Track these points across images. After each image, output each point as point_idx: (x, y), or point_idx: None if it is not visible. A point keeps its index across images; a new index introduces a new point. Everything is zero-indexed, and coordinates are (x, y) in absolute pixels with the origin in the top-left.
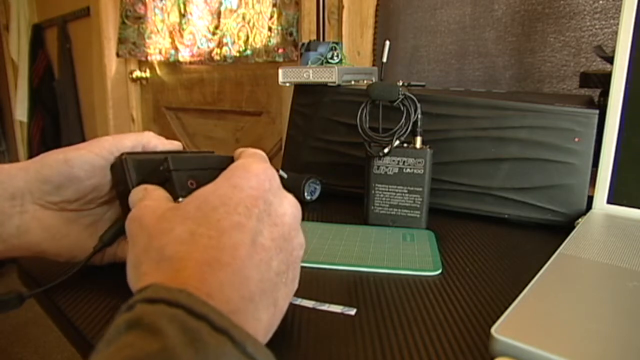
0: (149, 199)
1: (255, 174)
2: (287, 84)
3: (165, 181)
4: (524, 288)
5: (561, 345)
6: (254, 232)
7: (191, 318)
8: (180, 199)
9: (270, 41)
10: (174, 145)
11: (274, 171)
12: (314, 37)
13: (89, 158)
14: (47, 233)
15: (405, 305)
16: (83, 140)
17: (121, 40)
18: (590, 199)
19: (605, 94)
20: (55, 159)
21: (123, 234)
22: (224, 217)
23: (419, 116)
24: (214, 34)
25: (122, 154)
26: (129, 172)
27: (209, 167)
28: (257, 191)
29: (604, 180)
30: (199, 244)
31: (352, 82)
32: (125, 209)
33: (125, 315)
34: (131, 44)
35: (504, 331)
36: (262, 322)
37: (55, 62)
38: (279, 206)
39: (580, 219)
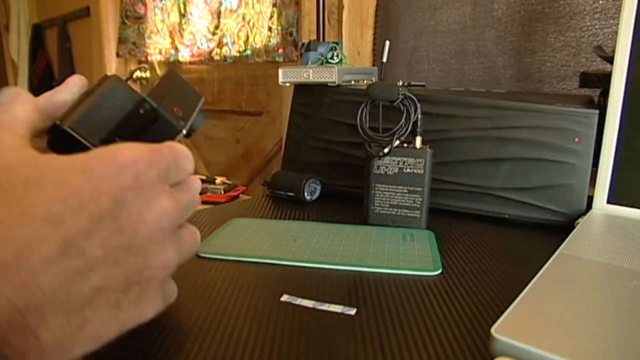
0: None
1: (120, 163)
2: (287, 84)
3: (151, 122)
4: (524, 288)
5: (561, 345)
6: (77, 233)
7: None
8: (184, 131)
9: (270, 41)
10: (76, 85)
11: (159, 165)
12: (314, 37)
13: None
14: None
15: (405, 305)
16: None
17: (121, 40)
18: (590, 199)
19: (605, 94)
20: None
21: None
22: (40, 203)
23: (419, 116)
24: (214, 34)
25: (55, 124)
26: (83, 137)
27: (177, 86)
28: (110, 184)
29: (604, 180)
30: None
31: (352, 82)
32: None
33: None
34: (131, 44)
35: (504, 331)
36: (45, 341)
37: (55, 62)
38: (141, 211)
39: (580, 219)
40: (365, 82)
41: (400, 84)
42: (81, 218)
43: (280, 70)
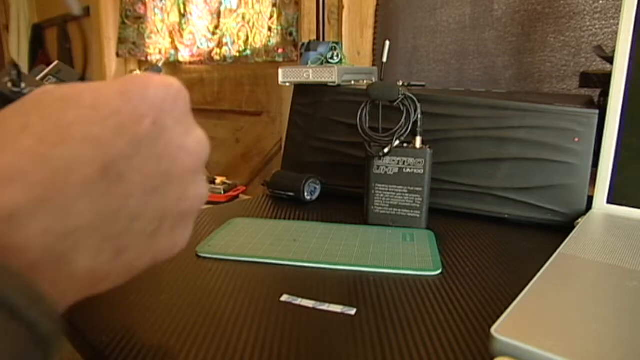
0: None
1: (156, 86)
2: (287, 84)
3: None
4: (524, 288)
5: (561, 345)
6: (116, 155)
7: None
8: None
9: (270, 41)
10: None
11: (187, 94)
12: (314, 37)
13: None
14: None
15: (405, 305)
16: None
17: (121, 40)
18: (590, 199)
19: (605, 94)
20: None
21: None
22: (79, 122)
23: (419, 116)
24: (214, 34)
25: None
26: None
27: None
28: (148, 107)
29: (604, 180)
30: (24, 150)
31: (352, 82)
32: None
33: None
34: (131, 44)
35: (504, 331)
36: (77, 270)
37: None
38: (180, 136)
39: (580, 219)
40: (365, 82)
41: (400, 84)
42: (120, 140)
43: (280, 70)
